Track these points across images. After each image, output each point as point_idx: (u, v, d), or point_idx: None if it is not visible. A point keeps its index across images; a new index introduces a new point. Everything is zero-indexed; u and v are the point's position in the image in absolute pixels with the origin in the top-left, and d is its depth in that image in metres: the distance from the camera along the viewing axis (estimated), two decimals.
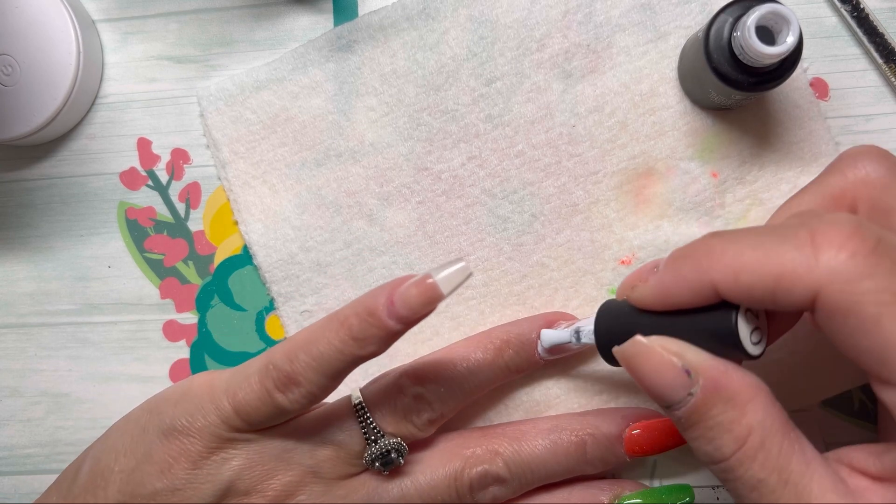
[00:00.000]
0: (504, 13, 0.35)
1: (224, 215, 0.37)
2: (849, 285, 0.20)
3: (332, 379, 0.28)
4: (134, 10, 0.38)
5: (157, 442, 0.29)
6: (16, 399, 0.38)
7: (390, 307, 0.26)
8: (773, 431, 0.22)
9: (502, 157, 0.35)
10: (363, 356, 0.27)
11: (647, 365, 0.24)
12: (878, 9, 0.34)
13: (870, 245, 0.21)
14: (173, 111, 0.38)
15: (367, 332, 0.27)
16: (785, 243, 0.22)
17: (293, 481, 0.29)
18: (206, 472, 0.29)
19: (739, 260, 0.22)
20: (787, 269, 0.21)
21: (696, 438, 0.24)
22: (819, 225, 0.22)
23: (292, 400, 0.28)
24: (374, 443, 0.30)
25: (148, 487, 0.29)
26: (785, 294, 0.21)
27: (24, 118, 0.36)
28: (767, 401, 0.23)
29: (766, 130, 0.34)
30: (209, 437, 0.29)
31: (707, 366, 0.23)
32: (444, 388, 0.31)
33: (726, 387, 0.23)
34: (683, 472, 0.34)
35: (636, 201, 0.34)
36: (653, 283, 0.25)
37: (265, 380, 0.28)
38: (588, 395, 0.34)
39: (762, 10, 0.28)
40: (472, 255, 0.35)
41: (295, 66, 0.36)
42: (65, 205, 0.38)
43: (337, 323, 0.27)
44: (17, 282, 0.38)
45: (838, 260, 0.21)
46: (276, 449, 0.29)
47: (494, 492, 0.31)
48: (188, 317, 0.37)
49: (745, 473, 0.22)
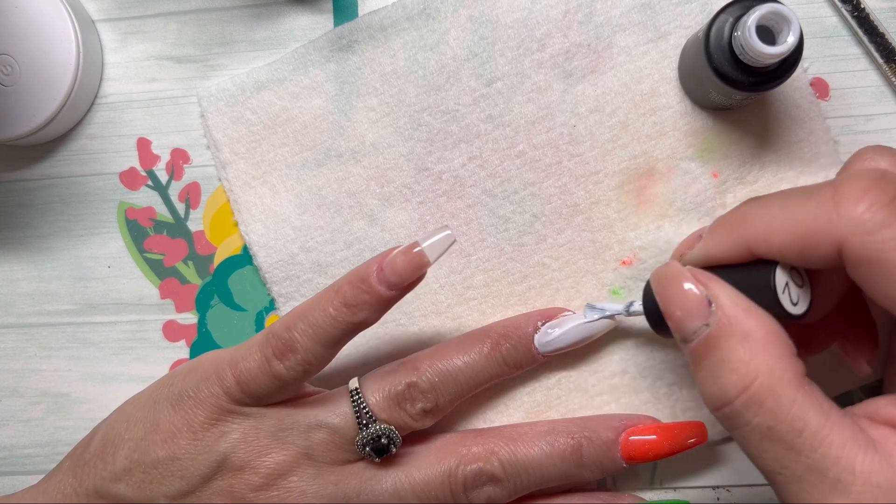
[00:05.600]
0: (504, 13, 0.35)
1: (224, 215, 0.37)
2: (870, 235, 0.21)
3: (327, 347, 0.29)
4: (134, 10, 0.38)
5: (165, 412, 0.30)
6: (16, 399, 0.38)
7: (380, 274, 0.28)
8: (786, 380, 0.22)
9: (503, 158, 0.35)
10: (356, 323, 0.29)
11: (673, 289, 0.25)
12: (879, 9, 0.34)
13: (889, 196, 0.21)
14: (173, 111, 0.38)
15: (358, 298, 0.28)
16: (809, 201, 0.23)
17: (286, 461, 0.30)
18: (205, 444, 0.30)
19: (770, 222, 0.23)
20: (811, 226, 0.22)
21: (702, 378, 0.23)
22: (841, 181, 0.22)
23: (289, 367, 0.29)
24: (366, 427, 0.30)
25: (152, 455, 0.30)
26: (812, 250, 0.22)
27: (24, 118, 0.36)
28: (783, 350, 0.23)
29: (767, 130, 0.34)
30: (211, 408, 0.30)
31: (729, 300, 0.24)
32: (439, 379, 0.31)
33: (741, 324, 0.23)
34: (684, 476, 0.34)
35: (637, 201, 0.34)
36: (698, 251, 0.26)
37: (265, 348, 0.29)
38: (588, 396, 0.34)
39: (762, 10, 0.28)
40: (474, 255, 0.35)
41: (295, 67, 0.36)
42: (65, 205, 0.38)
43: (332, 292, 0.29)
44: (17, 282, 0.38)
45: (857, 212, 0.21)
46: (272, 427, 0.30)
47: (489, 492, 0.31)
48: (188, 317, 0.37)
49: (752, 419, 0.22)
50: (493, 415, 0.35)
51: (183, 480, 0.30)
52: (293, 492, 0.30)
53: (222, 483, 0.30)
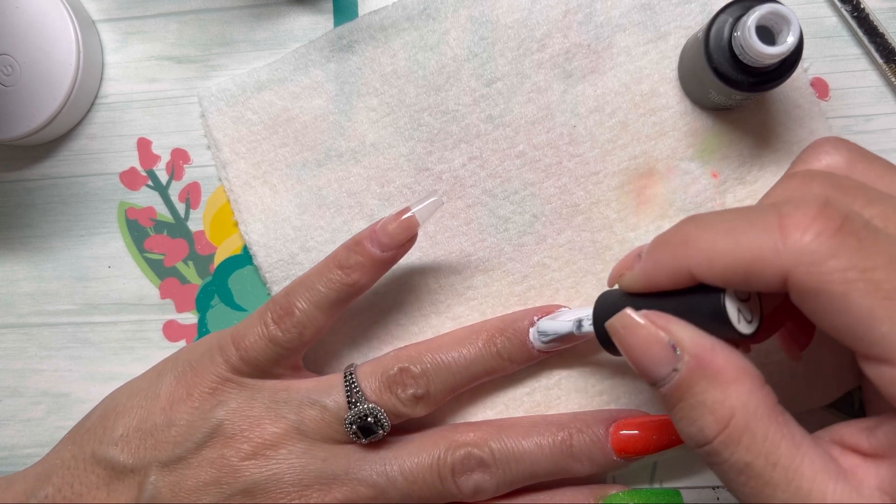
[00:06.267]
0: (504, 13, 0.35)
1: (224, 215, 0.37)
2: (815, 266, 0.21)
3: (322, 310, 0.31)
4: (134, 10, 0.38)
5: (167, 382, 0.32)
6: (16, 399, 0.38)
7: (373, 236, 0.31)
8: (759, 415, 0.22)
9: (503, 158, 0.35)
10: (349, 284, 0.31)
11: (634, 338, 0.24)
12: (878, 9, 0.34)
13: (834, 225, 0.21)
14: (173, 111, 0.38)
15: (352, 259, 0.31)
16: (754, 227, 0.22)
17: (277, 433, 0.30)
18: (202, 412, 0.31)
19: (713, 247, 0.23)
20: (757, 255, 0.22)
21: (680, 419, 0.23)
22: (786, 207, 0.22)
23: (285, 330, 0.31)
24: (354, 405, 0.31)
25: (149, 422, 0.31)
26: (757, 278, 0.22)
27: (24, 118, 0.36)
28: (753, 383, 0.23)
29: (767, 130, 0.34)
30: (211, 377, 0.31)
31: (693, 343, 0.23)
32: (432, 367, 0.31)
33: (710, 365, 0.23)
34: (684, 474, 0.34)
35: (637, 202, 0.34)
36: (637, 271, 0.26)
37: (264, 315, 0.31)
38: (588, 396, 0.34)
39: (762, 10, 0.28)
40: (473, 255, 0.35)
41: (296, 67, 0.36)
42: (65, 205, 0.38)
43: (329, 259, 0.32)
44: (17, 282, 0.38)
45: (803, 242, 0.21)
46: (266, 399, 0.31)
47: (477, 479, 0.31)
48: (188, 317, 0.37)
49: (730, 457, 0.22)
50: (494, 415, 0.35)
51: (177, 447, 0.30)
52: (281, 463, 0.30)
53: (213, 453, 0.30)
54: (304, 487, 0.30)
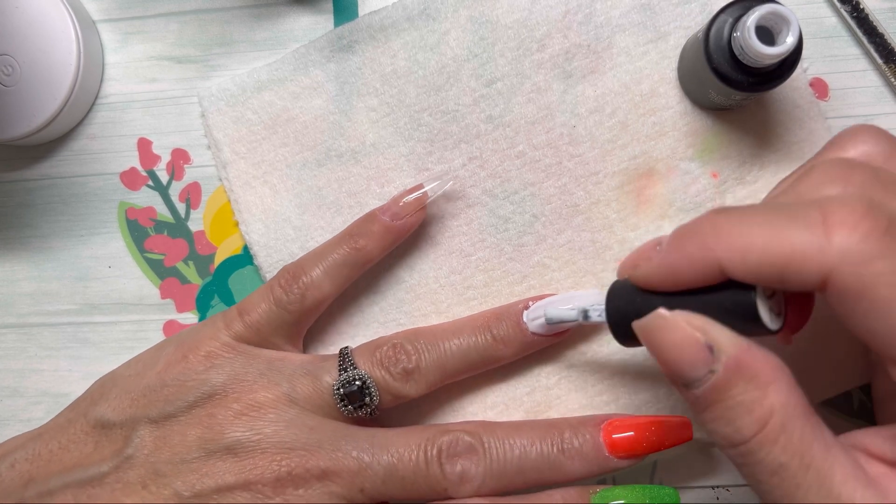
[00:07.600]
0: (504, 14, 0.35)
1: (224, 215, 0.37)
2: (862, 267, 0.20)
3: (329, 276, 0.32)
4: (134, 10, 0.38)
5: (168, 352, 0.32)
6: (16, 399, 0.38)
7: (384, 208, 0.33)
8: (795, 415, 0.22)
9: (503, 158, 0.35)
10: (357, 249, 0.32)
11: (668, 339, 0.24)
12: (878, 9, 0.34)
13: (883, 225, 0.20)
14: (174, 111, 0.38)
15: (362, 227, 0.33)
16: (795, 223, 0.21)
17: (269, 398, 0.31)
18: (195, 372, 0.31)
19: (747, 239, 0.22)
20: (798, 251, 0.21)
21: (714, 420, 0.23)
22: (831, 205, 0.21)
23: (287, 290, 0.32)
24: (345, 371, 0.31)
25: (143, 384, 0.31)
26: (795, 275, 0.21)
27: (25, 118, 0.36)
28: (790, 383, 0.22)
29: (767, 130, 0.34)
30: (209, 341, 0.32)
31: (731, 343, 0.23)
32: (424, 343, 0.32)
33: (749, 366, 0.22)
34: (684, 474, 0.34)
35: (637, 202, 0.34)
36: (657, 262, 0.25)
37: (272, 282, 0.33)
38: (588, 396, 0.34)
39: (762, 11, 0.28)
40: (474, 255, 0.35)
41: (296, 67, 0.36)
42: (65, 205, 0.38)
43: (341, 232, 0.34)
44: (18, 282, 0.38)
45: (851, 241, 0.20)
46: (261, 366, 0.31)
47: (464, 465, 0.30)
48: (188, 317, 0.38)
49: (766, 457, 0.22)
50: (494, 415, 0.35)
51: (168, 404, 0.31)
52: (269, 426, 0.30)
53: (203, 412, 0.30)
54: (287, 450, 0.30)
